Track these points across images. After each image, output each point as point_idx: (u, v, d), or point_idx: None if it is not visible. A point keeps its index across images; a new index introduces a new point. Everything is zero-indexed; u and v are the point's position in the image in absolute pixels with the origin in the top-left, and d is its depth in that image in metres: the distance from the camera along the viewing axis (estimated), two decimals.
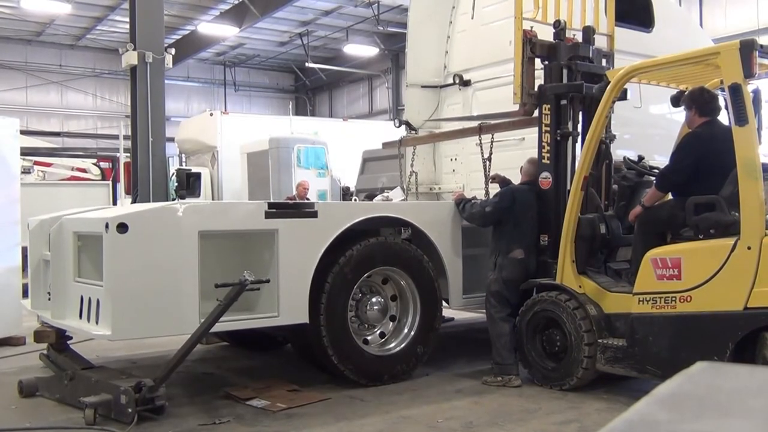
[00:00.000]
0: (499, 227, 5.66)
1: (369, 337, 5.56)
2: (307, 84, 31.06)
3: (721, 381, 1.05)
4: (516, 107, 5.72)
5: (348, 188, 14.58)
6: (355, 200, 10.92)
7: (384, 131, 11.75)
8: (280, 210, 5.00)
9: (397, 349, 5.54)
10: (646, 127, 7.16)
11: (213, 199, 15.92)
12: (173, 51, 11.91)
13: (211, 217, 4.74)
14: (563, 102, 5.53)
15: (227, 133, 16.45)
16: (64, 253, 5.08)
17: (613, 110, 5.43)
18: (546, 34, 5.72)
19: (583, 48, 5.70)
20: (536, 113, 5.67)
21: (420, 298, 5.61)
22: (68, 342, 5.64)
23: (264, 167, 14.48)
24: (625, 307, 4.85)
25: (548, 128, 5.54)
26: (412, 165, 7.42)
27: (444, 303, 5.88)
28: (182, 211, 4.53)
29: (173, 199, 12.48)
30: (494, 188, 6.17)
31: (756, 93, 4.70)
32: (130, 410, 4.29)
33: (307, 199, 11.74)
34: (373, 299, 5.54)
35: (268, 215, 4.87)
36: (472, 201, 5.85)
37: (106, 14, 22.79)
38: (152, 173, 11.02)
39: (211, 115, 17.33)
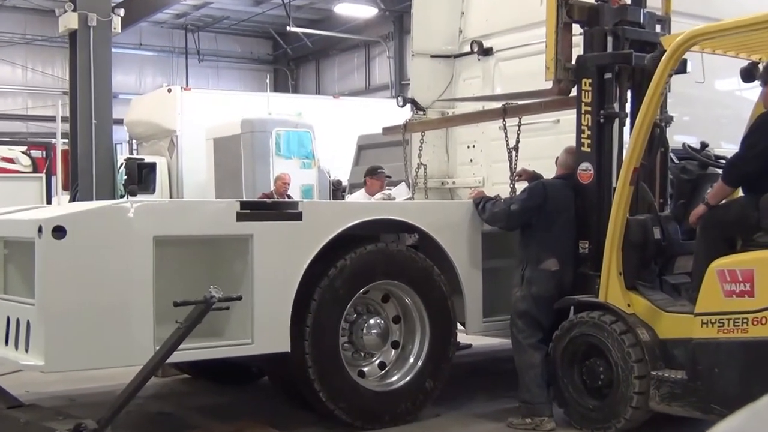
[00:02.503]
0: (527, 231, 5.66)
1: (366, 369, 5.55)
2: (289, 53, 31.07)
3: None
4: (549, 84, 5.72)
5: (339, 182, 14.58)
6: (348, 197, 10.92)
7: (384, 112, 11.71)
8: (255, 210, 5.01)
9: (401, 383, 5.54)
10: (711, 107, 7.15)
11: (171, 197, 15.91)
12: (122, 12, 11.93)
13: (169, 219, 4.75)
14: (607, 76, 5.53)
15: (189, 114, 16.45)
16: None
17: (669, 86, 5.43)
18: None
19: (632, 11, 5.70)
20: (574, 91, 5.67)
21: (429, 320, 5.61)
22: None
23: (235, 156, 14.48)
24: (685, 332, 4.85)
25: (589, 109, 5.54)
26: (419, 154, 7.42)
27: (459, 326, 5.88)
28: (133, 212, 4.53)
29: (122, 196, 12.48)
30: (522, 185, 6.16)
31: None
32: None
33: (289, 196, 11.75)
34: (371, 321, 5.54)
35: (240, 217, 4.87)
36: (494, 199, 5.85)
37: None
38: (96, 164, 11.04)
39: (169, 91, 17.33)
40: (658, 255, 5.43)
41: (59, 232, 4.31)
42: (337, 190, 14.52)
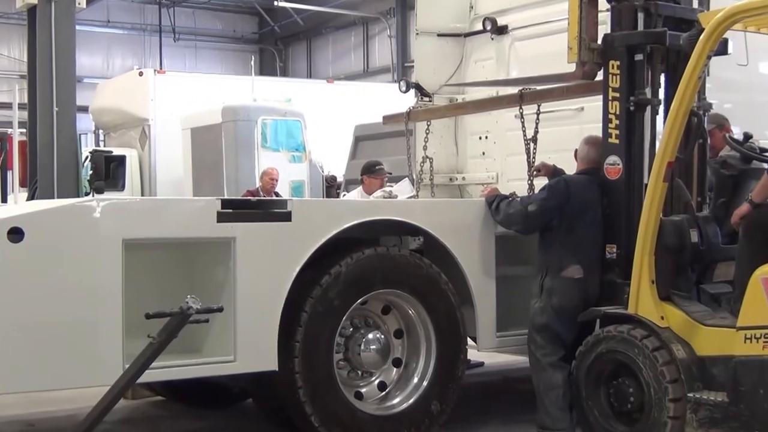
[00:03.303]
0: (547, 235, 5.66)
1: (364, 390, 5.57)
2: (277, 31, 31.09)
3: None
4: (572, 66, 5.72)
5: (334, 178, 14.59)
6: (344, 195, 10.92)
7: (385, 98, 11.73)
8: (238, 210, 5.01)
9: (404, 405, 5.55)
10: (755, 93, 7.15)
11: (143, 195, 15.92)
12: None
13: (140, 220, 4.74)
14: (638, 58, 5.53)
15: (163, 100, 16.46)
16: None
17: (708, 69, 5.43)
18: None
19: None
20: (600, 75, 5.67)
21: (436, 335, 5.61)
22: None
23: (215, 148, 14.48)
24: (726, 348, 4.84)
25: (617, 95, 5.54)
26: (425, 147, 7.42)
27: (470, 342, 5.88)
28: (100, 211, 4.53)
29: (87, 194, 12.48)
30: (542, 181, 6.16)
31: None
32: None
33: (277, 194, 11.76)
34: (370, 336, 5.54)
35: (221, 217, 4.87)
36: (510, 198, 5.85)
37: None
38: (58, 157, 11.00)
39: (141, 74, 17.35)
40: (695, 261, 5.43)
41: (16, 234, 4.31)
42: (331, 187, 14.53)
